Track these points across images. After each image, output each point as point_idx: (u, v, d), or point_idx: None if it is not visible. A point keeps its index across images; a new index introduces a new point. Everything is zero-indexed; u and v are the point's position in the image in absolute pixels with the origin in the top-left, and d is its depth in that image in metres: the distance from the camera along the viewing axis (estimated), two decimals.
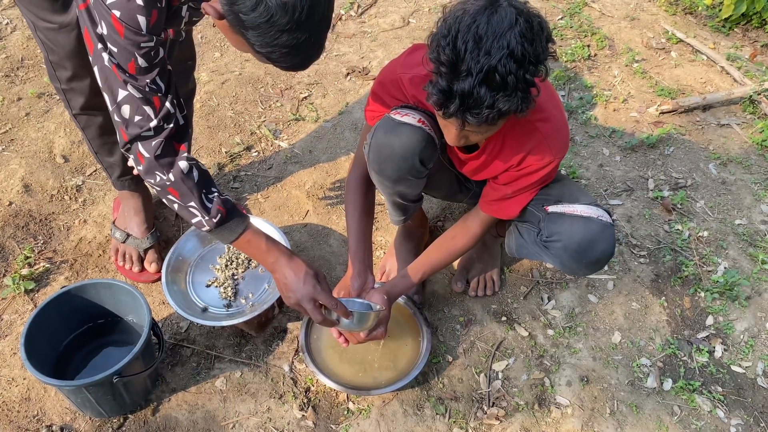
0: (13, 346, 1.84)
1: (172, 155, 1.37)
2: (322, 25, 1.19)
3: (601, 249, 1.53)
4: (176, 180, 1.37)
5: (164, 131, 1.35)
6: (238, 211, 1.46)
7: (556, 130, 1.48)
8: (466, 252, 1.78)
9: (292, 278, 1.47)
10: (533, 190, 1.58)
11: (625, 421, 1.75)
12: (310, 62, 1.24)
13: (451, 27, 1.19)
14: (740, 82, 2.76)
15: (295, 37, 1.14)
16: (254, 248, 1.48)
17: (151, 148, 1.35)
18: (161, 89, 1.33)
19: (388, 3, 3.30)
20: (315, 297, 1.47)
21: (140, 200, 2.03)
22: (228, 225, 1.43)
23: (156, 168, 1.36)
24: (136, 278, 2.01)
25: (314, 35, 1.17)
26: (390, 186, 1.61)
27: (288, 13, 1.10)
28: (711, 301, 2.01)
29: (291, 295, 1.48)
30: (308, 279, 1.47)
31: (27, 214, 2.18)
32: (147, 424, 1.70)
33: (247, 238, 1.46)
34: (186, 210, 1.41)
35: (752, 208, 2.30)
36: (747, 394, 1.82)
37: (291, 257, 1.49)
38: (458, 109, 1.21)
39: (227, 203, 1.43)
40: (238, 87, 2.72)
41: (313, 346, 1.83)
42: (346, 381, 1.76)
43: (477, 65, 1.15)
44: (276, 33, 1.13)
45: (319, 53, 1.24)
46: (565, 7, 3.25)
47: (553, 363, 1.87)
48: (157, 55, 1.30)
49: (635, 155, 2.49)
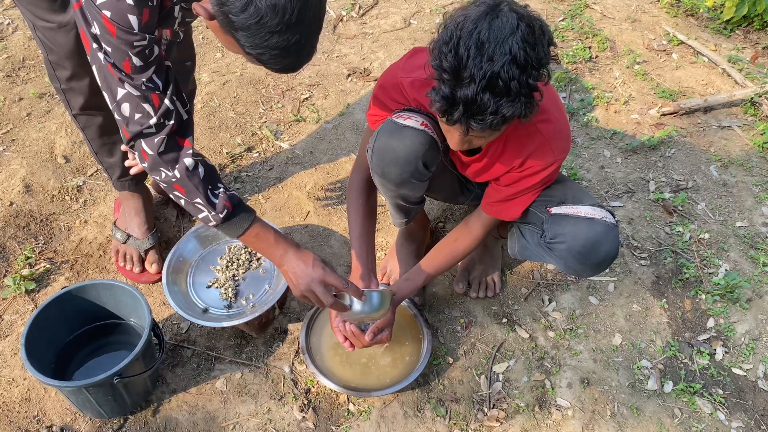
0: (14, 347, 1.84)
1: (176, 151, 1.37)
2: (314, 27, 1.18)
3: (606, 250, 1.53)
4: (182, 177, 1.37)
5: (165, 128, 1.35)
6: (244, 205, 1.46)
7: (558, 132, 1.48)
8: (468, 254, 1.78)
9: (300, 266, 1.46)
10: (535, 191, 1.58)
11: (626, 423, 1.75)
12: (300, 65, 1.23)
13: (452, 33, 1.19)
14: (741, 84, 2.75)
15: (286, 39, 1.14)
16: (263, 242, 1.48)
17: (154, 145, 1.35)
18: (159, 87, 1.33)
19: (389, 4, 3.30)
20: (325, 279, 1.46)
21: (141, 201, 2.03)
22: (234, 220, 1.44)
23: (160, 164, 1.37)
24: (136, 279, 2.01)
25: (305, 37, 1.17)
26: (393, 189, 1.61)
27: (278, 15, 1.10)
28: (712, 304, 2.01)
29: (301, 282, 1.46)
30: (317, 264, 1.46)
31: (28, 214, 2.18)
32: (147, 425, 1.70)
33: (255, 231, 1.46)
34: (192, 206, 1.41)
35: (753, 210, 2.30)
36: (748, 397, 1.81)
37: (299, 249, 1.49)
38: (462, 116, 1.21)
39: (233, 198, 1.43)
40: (240, 88, 2.72)
41: (313, 347, 1.83)
42: (346, 382, 1.76)
43: (480, 71, 1.15)
44: (266, 34, 1.12)
45: (310, 56, 1.23)
46: (567, 8, 3.25)
47: (554, 365, 1.87)
48: (152, 53, 1.30)
49: (636, 157, 2.48)
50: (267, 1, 1.09)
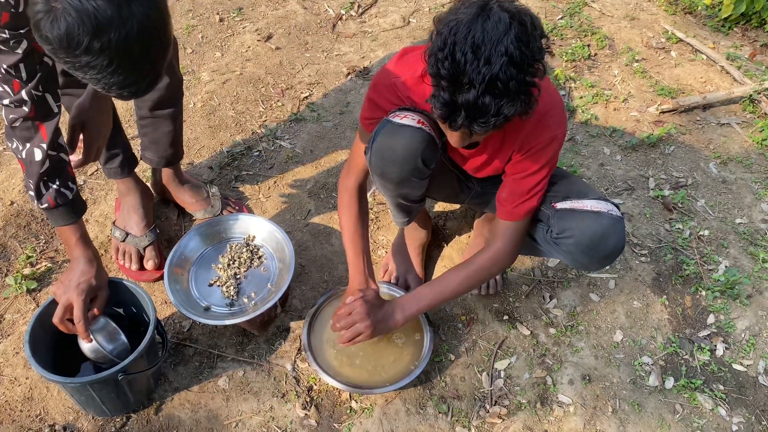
0: (16, 346, 1.84)
1: (30, 132, 1.44)
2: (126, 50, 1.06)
3: (613, 243, 1.54)
4: (25, 159, 1.47)
5: (19, 111, 1.41)
6: (75, 208, 1.56)
7: (550, 106, 1.45)
8: (496, 273, 1.74)
9: (71, 278, 1.57)
10: (543, 176, 1.54)
11: (627, 419, 1.76)
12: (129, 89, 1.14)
13: (446, 39, 1.18)
14: (740, 81, 2.76)
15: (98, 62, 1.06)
16: (66, 242, 1.60)
17: (9, 118, 1.43)
18: (21, 77, 1.36)
19: (388, 3, 3.30)
20: (72, 304, 1.55)
21: (138, 198, 2.04)
22: (53, 214, 1.54)
23: (12, 136, 1.46)
24: (137, 277, 2.01)
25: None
26: (393, 189, 1.62)
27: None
28: (712, 300, 2.02)
29: (59, 289, 1.57)
30: (81, 287, 1.55)
31: (29, 213, 2.18)
32: (150, 423, 1.70)
33: (63, 231, 1.57)
34: (25, 181, 1.51)
35: (753, 207, 2.30)
36: (748, 393, 1.82)
37: (91, 263, 1.59)
38: (465, 121, 1.21)
39: (63, 198, 1.52)
40: (239, 87, 2.72)
41: (315, 345, 1.84)
42: (348, 380, 1.76)
43: (478, 75, 1.15)
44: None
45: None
46: (565, 6, 3.26)
47: (555, 362, 1.87)
48: (18, 45, 1.31)
49: (636, 154, 2.49)
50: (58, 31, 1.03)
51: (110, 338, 1.66)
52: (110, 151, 1.94)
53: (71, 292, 1.55)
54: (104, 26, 1.00)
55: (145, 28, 1.05)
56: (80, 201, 1.59)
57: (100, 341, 1.61)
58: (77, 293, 1.55)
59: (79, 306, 1.54)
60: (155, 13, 1.06)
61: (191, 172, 2.35)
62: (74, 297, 1.55)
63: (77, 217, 1.57)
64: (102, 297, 1.62)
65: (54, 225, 1.58)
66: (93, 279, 1.58)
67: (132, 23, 1.02)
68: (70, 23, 0.99)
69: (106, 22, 1.00)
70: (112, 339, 1.66)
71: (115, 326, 1.67)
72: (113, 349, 1.64)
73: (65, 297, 1.55)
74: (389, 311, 1.67)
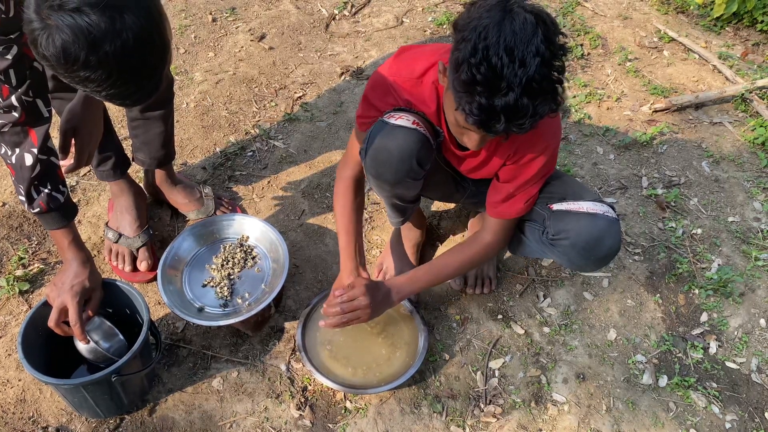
0: (8, 348, 1.83)
1: (19, 137, 1.44)
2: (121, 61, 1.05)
3: (609, 245, 1.54)
4: (15, 164, 1.46)
5: (8, 116, 1.40)
6: (66, 212, 1.55)
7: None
8: (480, 263, 1.78)
9: (64, 280, 1.56)
10: (536, 183, 1.57)
11: (622, 417, 1.76)
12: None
13: (477, 45, 1.16)
14: (732, 80, 2.78)
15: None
16: (58, 245, 1.60)
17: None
18: (11, 83, 1.36)
19: (381, 2, 3.30)
20: (66, 307, 1.55)
21: (131, 199, 2.03)
22: (45, 218, 1.54)
23: (1, 141, 1.45)
24: (130, 278, 2.00)
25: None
26: (388, 189, 1.62)
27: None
28: (705, 298, 2.03)
29: (53, 291, 1.57)
30: (75, 289, 1.55)
31: (21, 214, 2.16)
32: (144, 424, 1.70)
33: (56, 234, 1.57)
34: (15, 186, 1.51)
35: (745, 205, 2.32)
36: (741, 390, 1.83)
37: (84, 265, 1.58)
38: (504, 125, 1.20)
39: (55, 202, 1.51)
40: (233, 87, 2.71)
41: (309, 345, 1.83)
42: (343, 380, 1.76)
43: (516, 78, 1.14)
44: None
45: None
46: (558, 6, 3.26)
47: (550, 360, 1.88)
48: (8, 51, 1.31)
49: (629, 153, 2.50)
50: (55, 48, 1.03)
51: (107, 337, 1.65)
52: (102, 153, 1.93)
53: (65, 295, 1.54)
54: (99, 40, 1.00)
55: (141, 38, 1.04)
56: (71, 204, 1.59)
57: (97, 340, 1.60)
58: (71, 295, 1.54)
59: (74, 308, 1.54)
60: (150, 21, 1.05)
61: (185, 172, 2.34)
62: (68, 299, 1.54)
63: (69, 219, 1.57)
64: (96, 298, 1.62)
65: (46, 228, 1.58)
66: (86, 281, 1.57)
67: (127, 35, 1.02)
68: (65, 40, 0.99)
69: (101, 36, 1.00)
70: (109, 337, 1.66)
71: (111, 325, 1.66)
72: (110, 347, 1.64)
73: (59, 300, 1.55)
74: (386, 292, 1.69)
